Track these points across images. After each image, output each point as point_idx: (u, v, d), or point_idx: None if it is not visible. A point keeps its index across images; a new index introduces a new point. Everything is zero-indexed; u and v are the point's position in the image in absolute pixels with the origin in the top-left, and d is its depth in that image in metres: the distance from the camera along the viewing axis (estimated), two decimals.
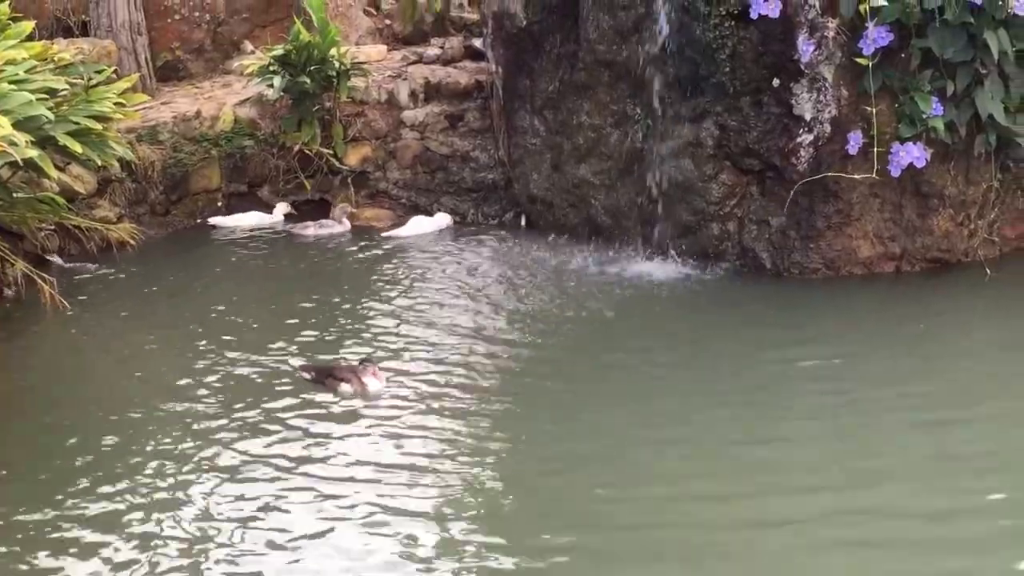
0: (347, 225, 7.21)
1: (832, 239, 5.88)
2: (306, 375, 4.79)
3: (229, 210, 7.48)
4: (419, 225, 7.10)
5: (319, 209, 7.53)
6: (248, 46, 8.45)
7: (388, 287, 6.11)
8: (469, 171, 7.44)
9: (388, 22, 8.81)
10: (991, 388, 4.64)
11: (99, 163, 6.12)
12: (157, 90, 8.13)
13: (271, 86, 7.37)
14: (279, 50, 7.43)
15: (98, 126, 5.99)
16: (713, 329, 5.47)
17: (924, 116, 5.48)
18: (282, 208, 7.43)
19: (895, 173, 5.56)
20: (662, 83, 6.06)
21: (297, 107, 7.48)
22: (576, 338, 5.35)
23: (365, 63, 7.79)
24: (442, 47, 8.28)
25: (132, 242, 6.69)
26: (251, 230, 7.25)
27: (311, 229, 7.18)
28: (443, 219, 7.20)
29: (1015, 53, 5.57)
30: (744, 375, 4.84)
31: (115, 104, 6.14)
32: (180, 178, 7.36)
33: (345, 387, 4.63)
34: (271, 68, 7.41)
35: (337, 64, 7.43)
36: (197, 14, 8.49)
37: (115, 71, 6.88)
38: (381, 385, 4.66)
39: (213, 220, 7.39)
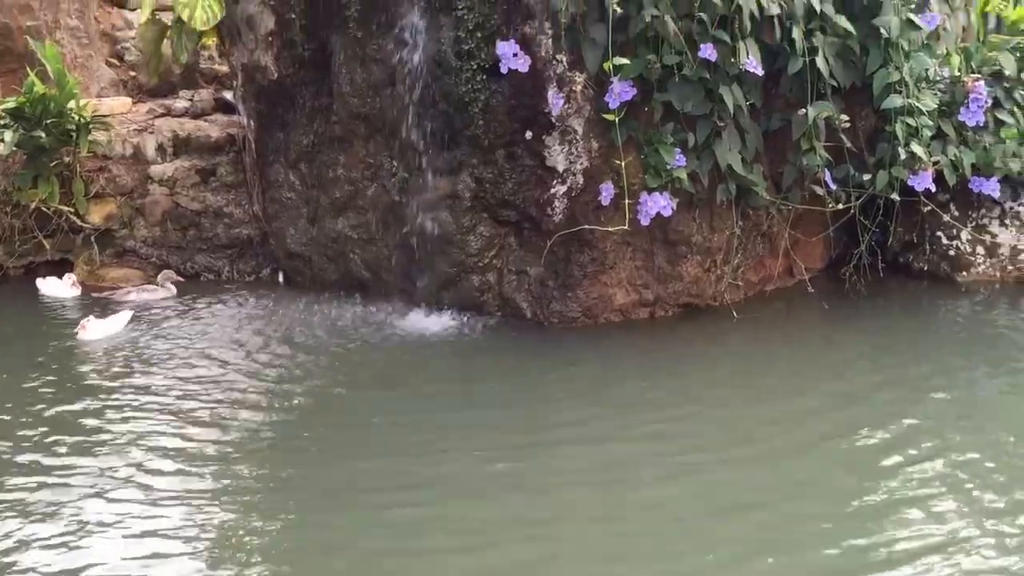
0: (172, 290, 6.77)
1: (588, 287, 6.01)
2: None
3: None
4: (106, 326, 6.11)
5: (61, 270, 7.08)
6: None
7: (103, 359, 5.65)
8: (223, 227, 7.18)
9: (133, 73, 8.43)
10: (727, 423, 4.83)
11: None
12: None
13: (2, 141, 6.89)
14: (11, 103, 6.96)
15: None
16: (468, 381, 5.41)
17: (668, 167, 5.70)
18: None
19: (644, 222, 5.75)
20: (417, 136, 6.05)
21: (33, 162, 7.02)
22: (327, 398, 5.13)
23: (108, 116, 7.41)
24: (191, 99, 8.01)
25: None
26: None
27: (133, 294, 6.75)
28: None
29: (748, 107, 5.90)
30: (505, 425, 4.83)
31: None
32: None
33: None
34: (2, 122, 6.94)
35: (76, 117, 7.04)
36: None
37: None
38: None
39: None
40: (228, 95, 7.87)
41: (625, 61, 5.49)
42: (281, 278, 7.02)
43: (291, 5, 6.17)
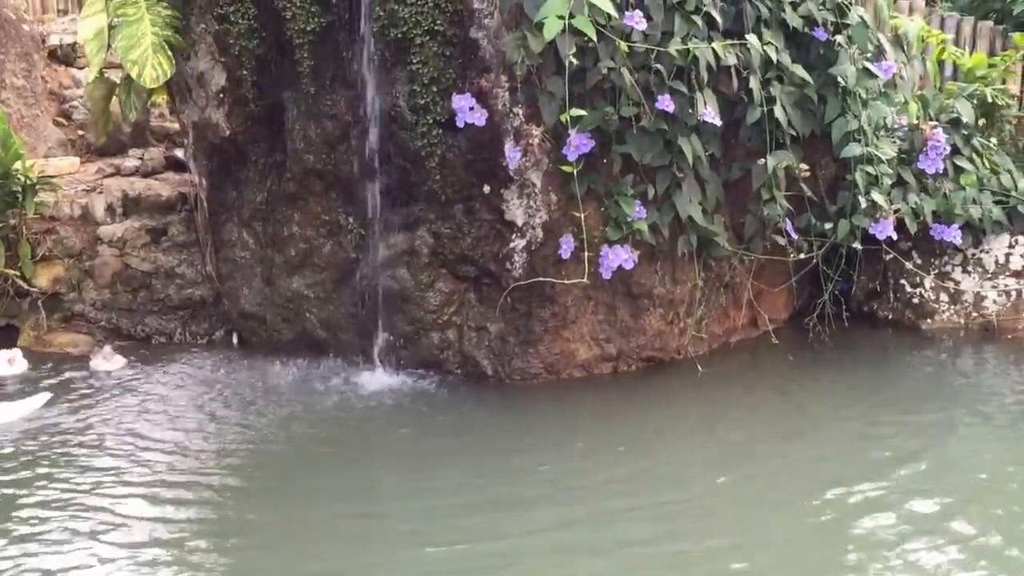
0: (120, 362, 6.46)
1: (550, 343, 5.89)
2: None
3: None
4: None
5: (6, 336, 6.85)
6: None
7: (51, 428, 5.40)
8: (175, 288, 6.99)
9: (81, 133, 8.27)
10: (694, 482, 4.74)
11: None
12: None
13: None
14: None
15: None
16: (429, 441, 5.25)
17: (628, 219, 5.62)
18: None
19: (606, 275, 5.65)
20: (373, 192, 5.93)
21: None
22: (281, 462, 4.96)
23: (55, 176, 7.23)
24: (141, 158, 7.85)
25: None
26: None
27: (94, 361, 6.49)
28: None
29: (708, 157, 5.85)
30: (467, 490, 4.70)
31: None
32: None
33: None
34: None
35: (22, 178, 6.85)
36: None
37: None
38: None
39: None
40: (179, 153, 7.72)
41: (583, 113, 5.42)
42: (235, 339, 6.84)
43: (243, 61, 6.06)
